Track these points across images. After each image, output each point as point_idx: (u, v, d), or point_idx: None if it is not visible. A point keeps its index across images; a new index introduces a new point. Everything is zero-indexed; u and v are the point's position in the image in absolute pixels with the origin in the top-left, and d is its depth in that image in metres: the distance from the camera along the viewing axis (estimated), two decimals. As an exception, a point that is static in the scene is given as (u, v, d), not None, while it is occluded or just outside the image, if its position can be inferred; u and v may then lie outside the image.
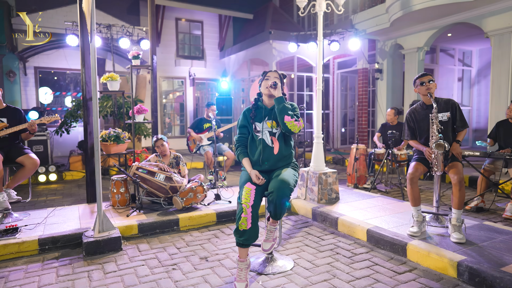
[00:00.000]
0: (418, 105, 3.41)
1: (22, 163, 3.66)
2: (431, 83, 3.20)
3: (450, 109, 3.23)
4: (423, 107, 3.35)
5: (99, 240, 3.12)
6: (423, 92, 3.24)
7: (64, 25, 8.44)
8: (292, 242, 3.40)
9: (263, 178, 2.52)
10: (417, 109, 3.40)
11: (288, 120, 2.49)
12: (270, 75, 2.63)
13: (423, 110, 3.34)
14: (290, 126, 2.49)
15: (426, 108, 3.31)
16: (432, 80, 3.21)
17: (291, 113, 2.53)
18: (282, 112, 2.51)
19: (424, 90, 3.22)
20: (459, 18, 6.61)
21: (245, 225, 2.37)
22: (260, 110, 2.67)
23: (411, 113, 3.43)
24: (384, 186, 5.80)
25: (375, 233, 3.25)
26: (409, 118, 3.43)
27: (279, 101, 2.54)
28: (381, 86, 8.80)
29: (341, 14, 9.99)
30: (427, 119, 3.25)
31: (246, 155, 2.65)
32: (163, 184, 4.08)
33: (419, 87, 3.27)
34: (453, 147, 3.14)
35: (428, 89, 3.19)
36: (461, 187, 2.94)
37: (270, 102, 2.67)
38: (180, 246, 3.33)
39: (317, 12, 4.46)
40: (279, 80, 2.65)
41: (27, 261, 2.99)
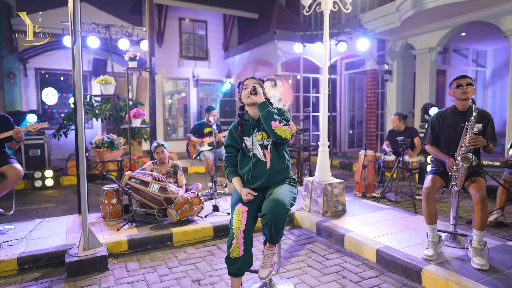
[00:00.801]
0: (448, 110, 3.06)
1: (5, 173, 3.43)
2: (469, 87, 2.85)
3: (483, 121, 2.89)
4: (454, 112, 3.00)
5: (82, 260, 2.86)
6: (459, 96, 2.89)
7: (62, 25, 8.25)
8: (294, 262, 3.10)
9: (254, 194, 2.25)
10: (446, 113, 3.05)
11: (275, 126, 2.19)
12: (247, 83, 2.36)
13: (453, 116, 2.99)
14: (279, 132, 2.19)
15: (457, 114, 2.97)
16: (471, 84, 2.86)
17: (278, 118, 2.23)
18: (268, 118, 2.21)
19: (460, 93, 2.86)
20: (475, 17, 6.23)
21: (237, 252, 2.09)
22: (247, 124, 2.38)
23: (438, 117, 3.08)
24: (394, 195, 5.47)
25: (385, 254, 2.94)
26: (435, 122, 3.09)
27: (262, 107, 2.25)
28: (390, 88, 8.45)
29: (349, 13, 9.65)
30: (456, 126, 2.92)
31: (236, 174, 2.38)
32: (157, 195, 3.81)
33: (454, 89, 2.91)
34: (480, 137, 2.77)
35: (464, 93, 2.85)
36: (484, 206, 2.61)
37: (256, 112, 2.38)
38: (172, 265, 3.06)
39: (322, 11, 4.15)
40: (259, 85, 2.37)
41: (3, 283, 2.74)
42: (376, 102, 9.16)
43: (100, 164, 6.84)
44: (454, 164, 2.78)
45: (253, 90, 2.26)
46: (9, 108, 8.90)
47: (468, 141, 2.73)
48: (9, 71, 8.95)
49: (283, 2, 12.54)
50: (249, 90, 2.29)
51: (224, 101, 9.53)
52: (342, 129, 10.65)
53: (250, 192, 2.24)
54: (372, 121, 9.19)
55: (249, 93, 2.28)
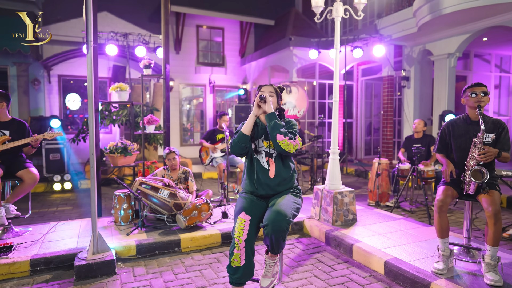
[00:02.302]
0: (461, 118, 2.96)
1: (22, 177, 3.56)
2: (485, 97, 2.75)
3: (497, 130, 2.77)
4: (466, 121, 2.90)
5: (91, 264, 2.93)
6: (472, 104, 2.77)
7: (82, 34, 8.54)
8: (300, 271, 3.07)
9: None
10: (458, 122, 2.95)
11: (280, 139, 2.17)
12: (264, 89, 2.36)
13: (465, 125, 2.89)
14: (283, 146, 2.17)
15: (469, 123, 2.87)
16: (486, 93, 2.76)
17: (284, 131, 2.21)
18: (274, 130, 2.20)
19: (474, 102, 2.76)
20: (496, 21, 6.04)
21: (238, 261, 2.08)
22: (256, 128, 2.38)
23: (449, 126, 2.97)
24: (409, 204, 5.33)
25: (393, 266, 2.86)
26: (446, 131, 2.99)
27: (270, 118, 2.24)
28: (408, 95, 8.28)
29: (365, 19, 9.55)
30: (467, 135, 2.81)
31: None
32: (166, 201, 3.87)
33: (468, 97, 2.80)
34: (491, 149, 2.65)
35: (478, 101, 2.74)
36: (497, 221, 2.50)
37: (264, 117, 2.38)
38: (178, 271, 3.08)
39: (334, 18, 4.13)
40: (274, 93, 2.36)
41: (15, 284, 2.84)
42: (393, 108, 8.98)
43: (116, 169, 7.00)
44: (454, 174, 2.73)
45: (261, 99, 2.26)
46: (33, 113, 9.26)
47: (478, 155, 2.63)
48: (34, 78, 9.33)
49: (299, 8, 12.55)
50: (257, 99, 2.29)
51: (239, 107, 9.58)
52: (358, 136, 10.49)
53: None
54: (389, 128, 9.01)
55: (258, 102, 2.29)
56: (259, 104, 2.26)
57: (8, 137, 3.62)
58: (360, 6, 4.11)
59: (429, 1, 6.01)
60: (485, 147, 2.62)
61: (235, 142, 2.25)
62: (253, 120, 2.26)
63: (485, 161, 2.61)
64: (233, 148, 2.27)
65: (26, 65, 9.26)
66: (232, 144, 2.27)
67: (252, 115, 2.27)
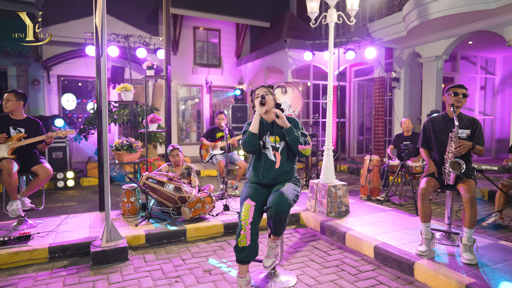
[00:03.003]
0: (440, 116, 3.28)
1: (36, 172, 3.79)
2: (463, 98, 3.07)
3: (472, 127, 3.09)
4: (445, 118, 3.22)
5: (106, 250, 3.18)
6: (451, 102, 3.09)
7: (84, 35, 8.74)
8: (298, 256, 3.36)
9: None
10: (438, 119, 3.27)
11: (302, 148, 2.54)
12: (258, 92, 2.64)
13: (444, 121, 3.21)
14: (304, 152, 2.55)
15: (448, 120, 3.19)
16: (465, 95, 3.07)
17: (303, 140, 2.54)
18: (295, 143, 2.54)
19: (454, 101, 3.07)
20: (479, 26, 6.41)
21: (244, 242, 2.36)
22: (261, 126, 2.66)
23: (430, 123, 3.30)
24: (398, 198, 5.66)
25: (382, 250, 3.16)
26: (427, 127, 3.31)
27: (288, 133, 2.55)
28: (398, 95, 8.63)
29: (358, 22, 9.90)
30: (446, 131, 3.13)
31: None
32: (172, 194, 4.12)
33: (450, 96, 3.11)
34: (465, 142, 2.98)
35: (458, 101, 3.06)
36: (473, 206, 2.82)
37: (269, 117, 2.66)
38: (186, 257, 3.35)
39: (328, 23, 4.43)
40: (269, 93, 2.64)
41: (36, 269, 3.08)
42: (384, 108, 9.34)
43: (118, 166, 7.22)
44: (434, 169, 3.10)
45: (263, 99, 2.54)
46: (33, 113, 9.42)
47: (455, 148, 2.95)
48: (34, 78, 9.50)
49: (294, 11, 12.86)
50: (259, 100, 2.55)
51: (236, 107, 9.86)
52: (351, 135, 10.84)
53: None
54: (380, 127, 9.37)
55: (260, 103, 2.56)
56: (263, 104, 2.53)
57: (24, 135, 3.85)
58: (352, 13, 4.41)
59: (417, 6, 6.35)
60: (460, 141, 2.94)
61: (247, 141, 2.54)
62: (259, 119, 2.54)
63: (461, 153, 2.93)
64: (245, 146, 2.55)
65: (26, 66, 9.43)
66: (244, 143, 2.56)
67: (256, 114, 2.55)
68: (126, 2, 10.60)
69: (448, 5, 5.84)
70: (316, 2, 4.56)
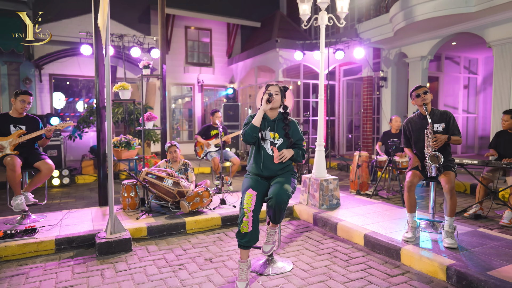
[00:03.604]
0: (416, 116, 3.55)
1: (39, 168, 3.90)
2: (427, 95, 3.35)
3: (445, 120, 3.37)
4: (420, 117, 3.50)
5: (111, 241, 3.33)
6: (419, 104, 3.40)
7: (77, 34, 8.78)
8: (293, 245, 3.57)
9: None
10: (414, 119, 3.55)
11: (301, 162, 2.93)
12: (270, 89, 2.81)
13: (420, 120, 3.49)
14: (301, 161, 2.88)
15: (422, 118, 3.46)
16: (427, 91, 3.36)
17: (302, 155, 2.85)
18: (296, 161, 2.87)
19: (420, 101, 3.37)
20: (462, 28, 6.73)
21: (247, 228, 2.55)
22: (263, 121, 2.85)
23: (408, 123, 3.58)
24: (386, 192, 5.93)
25: (371, 238, 3.40)
26: (406, 128, 3.59)
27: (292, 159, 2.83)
28: (385, 94, 8.93)
29: (346, 23, 10.17)
30: (423, 129, 3.40)
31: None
32: (171, 189, 4.29)
33: (415, 99, 3.43)
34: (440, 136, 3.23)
35: (423, 100, 3.35)
36: (453, 196, 3.08)
37: (272, 114, 2.86)
38: (186, 248, 3.53)
39: (319, 25, 4.65)
40: (279, 92, 2.82)
41: (44, 260, 3.22)
42: (372, 107, 9.64)
43: (115, 163, 7.32)
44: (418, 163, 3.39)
45: (270, 97, 2.72)
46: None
47: (432, 142, 3.21)
48: (26, 77, 9.48)
49: (284, 11, 13.08)
50: (267, 97, 2.72)
51: (228, 106, 10.03)
52: (340, 133, 11.12)
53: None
54: (369, 125, 9.67)
55: (267, 100, 2.74)
56: (269, 100, 2.71)
57: (23, 131, 3.97)
58: (342, 15, 4.64)
59: (403, 9, 6.63)
60: (435, 135, 3.21)
61: (248, 133, 2.71)
62: (262, 114, 2.73)
63: (438, 146, 3.19)
64: (245, 137, 2.73)
65: (17, 64, 9.40)
66: (245, 134, 2.73)
67: (261, 110, 2.73)
68: (118, 2, 10.64)
69: (432, 8, 6.13)
70: (308, 4, 4.78)
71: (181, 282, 2.76)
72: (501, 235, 3.36)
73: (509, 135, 4.48)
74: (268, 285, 2.70)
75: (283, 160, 2.71)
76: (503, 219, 4.14)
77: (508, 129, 4.50)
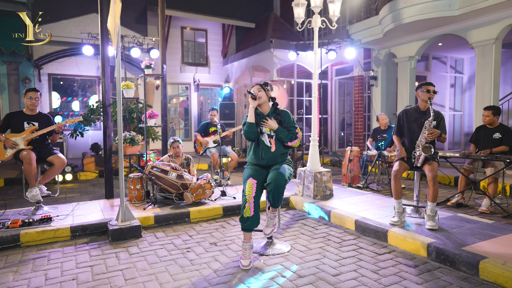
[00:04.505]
0: (412, 108, 3.85)
1: (52, 162, 4.16)
2: (434, 94, 3.66)
3: (437, 118, 3.69)
4: (417, 111, 3.80)
5: (122, 228, 3.61)
6: (424, 98, 3.65)
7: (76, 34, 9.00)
8: (290, 231, 3.88)
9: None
10: (410, 111, 3.85)
11: (291, 144, 3.06)
12: (252, 89, 3.10)
13: (416, 113, 3.79)
14: (293, 145, 3.09)
15: (419, 112, 3.76)
16: (435, 91, 3.66)
17: (290, 136, 3.04)
18: (282, 140, 3.06)
19: (427, 97, 3.64)
20: (447, 30, 7.12)
21: (249, 212, 2.86)
22: (258, 116, 3.15)
23: (404, 113, 3.88)
24: (376, 185, 6.28)
25: (362, 223, 3.73)
26: (401, 117, 3.89)
27: (276, 133, 3.06)
28: (376, 93, 9.31)
29: (338, 24, 10.52)
30: (418, 122, 3.71)
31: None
32: (175, 181, 4.57)
33: (423, 92, 3.64)
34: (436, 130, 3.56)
35: (430, 97, 3.64)
36: (435, 183, 3.42)
37: (264, 109, 3.16)
38: (192, 234, 3.82)
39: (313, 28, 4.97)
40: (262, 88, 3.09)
41: (62, 245, 3.49)
42: (363, 105, 10.02)
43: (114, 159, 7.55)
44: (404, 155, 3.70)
45: (251, 94, 3.04)
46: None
47: (427, 134, 3.54)
48: (25, 76, 9.66)
49: (278, 12, 13.40)
50: (250, 95, 3.05)
51: (224, 104, 10.32)
52: (333, 130, 11.49)
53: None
54: (360, 122, 10.04)
55: (251, 97, 3.05)
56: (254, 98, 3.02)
57: (36, 127, 4.22)
58: (334, 18, 4.97)
59: (391, 11, 7.00)
60: (432, 129, 3.54)
61: (247, 130, 3.02)
62: (253, 111, 3.04)
63: (432, 139, 3.53)
64: (246, 134, 3.05)
65: (17, 64, 9.58)
66: (244, 132, 3.05)
67: (251, 107, 3.05)
68: (115, 2, 10.85)
69: (418, 11, 6.50)
70: (302, 8, 5.09)
71: (190, 262, 3.05)
72: (477, 219, 3.72)
73: (488, 129, 4.85)
74: (269, 263, 3.01)
75: (267, 127, 3.02)
76: (481, 207, 4.50)
77: (487, 124, 4.86)
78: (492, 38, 6.39)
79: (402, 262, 2.98)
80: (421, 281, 2.62)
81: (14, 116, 4.16)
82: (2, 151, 4.01)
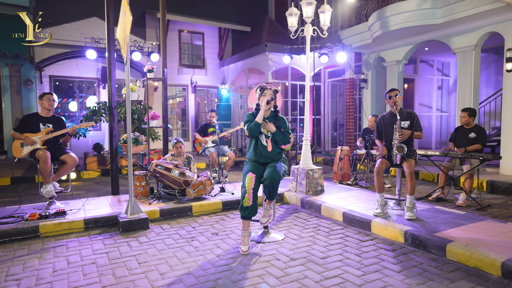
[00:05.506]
0: (387, 113, 4.29)
1: (65, 160, 4.50)
2: (397, 97, 4.07)
3: (410, 118, 4.11)
4: (391, 115, 4.23)
5: (131, 220, 3.97)
6: (391, 104, 4.11)
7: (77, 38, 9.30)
8: (284, 223, 4.27)
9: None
10: (386, 116, 4.28)
11: (284, 146, 3.48)
12: (266, 92, 3.49)
13: (390, 117, 4.22)
14: (285, 148, 3.50)
15: (393, 116, 4.19)
16: (398, 94, 4.08)
17: (284, 140, 3.44)
18: (278, 143, 3.45)
19: (392, 102, 4.09)
20: (431, 36, 7.57)
21: (248, 202, 3.24)
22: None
23: (381, 119, 4.31)
24: (365, 182, 6.70)
25: (349, 215, 4.13)
26: (379, 123, 4.32)
27: (273, 135, 3.45)
28: (366, 95, 9.74)
29: (330, 29, 10.95)
30: (392, 125, 4.13)
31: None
32: (177, 178, 4.94)
33: (388, 100, 4.14)
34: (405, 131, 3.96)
35: (394, 102, 4.06)
36: (412, 178, 3.83)
37: (266, 113, 3.54)
38: (195, 226, 4.19)
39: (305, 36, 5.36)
40: (274, 97, 3.51)
41: (77, 236, 3.84)
42: (354, 106, 10.45)
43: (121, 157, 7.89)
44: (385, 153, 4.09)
45: (271, 100, 3.41)
46: (26, 112, 9.86)
47: (398, 136, 3.96)
48: (27, 78, 9.94)
49: (272, 16, 13.79)
50: (267, 99, 3.39)
51: (221, 106, 10.70)
52: (326, 131, 11.91)
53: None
54: (351, 123, 10.47)
55: (266, 102, 3.41)
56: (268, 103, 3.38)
57: (51, 129, 4.55)
58: (325, 27, 5.37)
59: (379, 19, 7.42)
60: (402, 130, 3.95)
61: (253, 128, 3.37)
62: (263, 113, 3.40)
63: (403, 139, 3.94)
64: (251, 132, 3.39)
65: (19, 66, 9.86)
66: (250, 129, 3.39)
67: (262, 110, 3.40)
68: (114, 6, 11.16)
69: (404, 19, 6.93)
70: (295, 18, 5.49)
71: (195, 249, 3.43)
72: (451, 210, 4.15)
73: (464, 129, 5.29)
74: (265, 249, 3.39)
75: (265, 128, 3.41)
76: (459, 201, 4.93)
77: (464, 124, 5.30)
78: (472, 45, 6.84)
79: (382, 247, 3.39)
80: (397, 262, 3.02)
81: (31, 118, 4.49)
82: (19, 149, 4.34)
